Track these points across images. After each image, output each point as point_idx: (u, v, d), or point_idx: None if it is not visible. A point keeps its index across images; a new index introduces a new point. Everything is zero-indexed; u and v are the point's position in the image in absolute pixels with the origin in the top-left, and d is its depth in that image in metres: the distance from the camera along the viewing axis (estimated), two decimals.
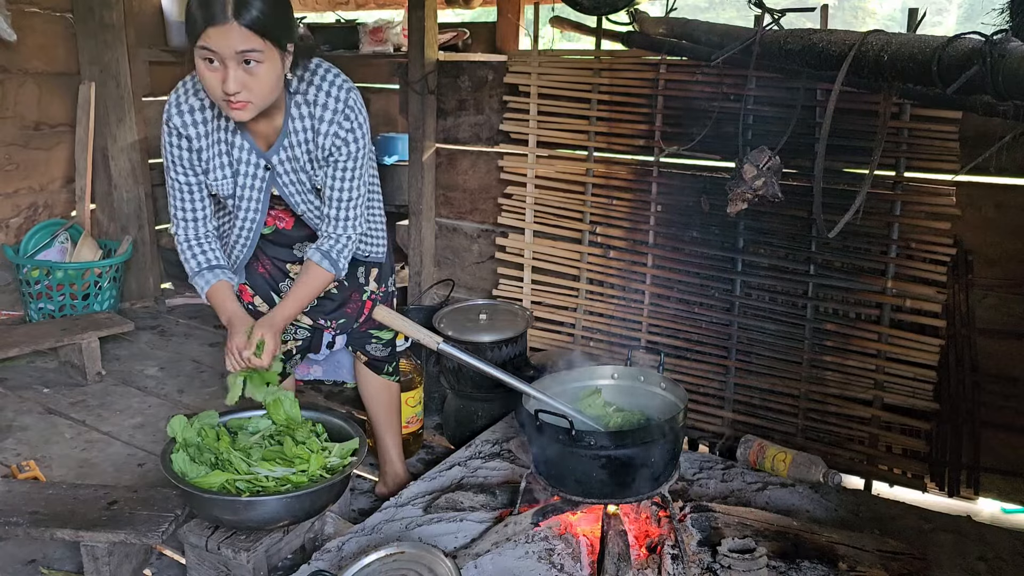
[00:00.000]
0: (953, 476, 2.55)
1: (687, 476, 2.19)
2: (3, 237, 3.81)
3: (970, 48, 1.54)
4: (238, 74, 1.74)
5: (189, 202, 2.06)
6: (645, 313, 2.96)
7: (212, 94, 1.80)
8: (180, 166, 2.01)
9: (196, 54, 1.74)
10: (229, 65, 1.73)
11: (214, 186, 2.03)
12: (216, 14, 1.67)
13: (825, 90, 2.48)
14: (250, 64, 1.74)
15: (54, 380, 3.33)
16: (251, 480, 1.90)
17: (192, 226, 2.08)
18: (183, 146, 1.98)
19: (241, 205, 2.06)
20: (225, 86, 1.74)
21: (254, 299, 2.22)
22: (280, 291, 2.22)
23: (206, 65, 1.74)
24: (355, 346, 2.37)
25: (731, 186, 2.35)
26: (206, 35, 1.69)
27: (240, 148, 1.98)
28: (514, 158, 3.21)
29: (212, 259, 2.08)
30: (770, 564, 1.76)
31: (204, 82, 1.77)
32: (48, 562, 2.18)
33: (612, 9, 2.69)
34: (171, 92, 1.99)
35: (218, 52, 1.71)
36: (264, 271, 2.21)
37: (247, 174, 2.01)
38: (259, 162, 2.00)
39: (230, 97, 1.76)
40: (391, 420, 2.47)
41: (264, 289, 2.21)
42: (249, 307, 2.22)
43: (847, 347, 2.59)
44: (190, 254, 2.08)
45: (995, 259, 2.47)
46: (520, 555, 1.81)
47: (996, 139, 2.26)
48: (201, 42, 1.71)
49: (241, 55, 1.72)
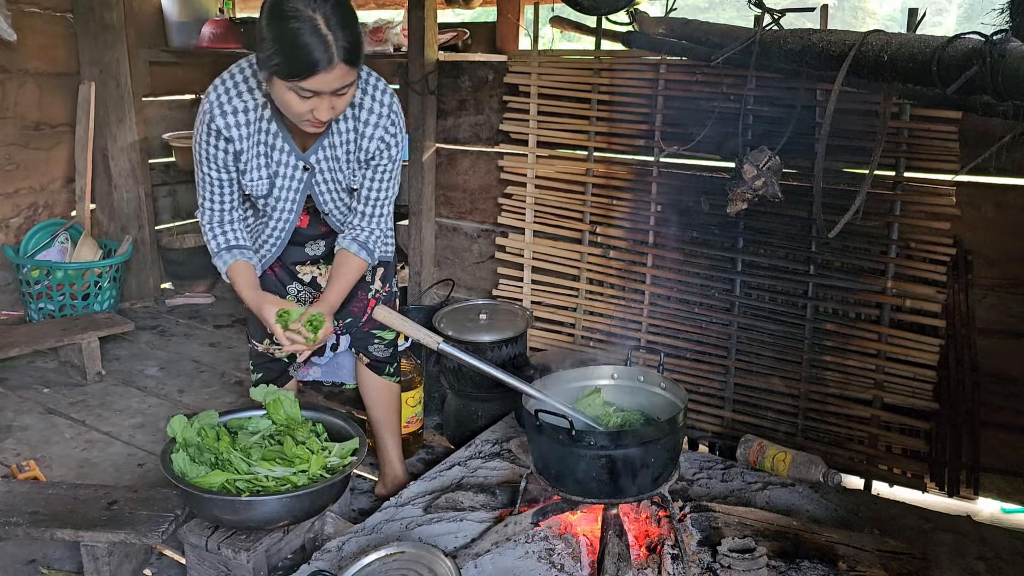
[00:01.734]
0: (953, 476, 2.55)
1: (687, 476, 2.19)
2: (3, 237, 3.81)
3: (970, 48, 1.54)
4: (333, 102, 1.76)
5: (219, 195, 2.04)
6: (645, 313, 2.96)
7: (291, 113, 1.80)
8: (214, 164, 1.98)
9: (284, 86, 1.72)
10: (324, 97, 1.73)
11: (249, 187, 2.03)
12: (323, 61, 1.66)
13: (825, 90, 2.48)
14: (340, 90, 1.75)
15: (54, 380, 3.33)
16: (251, 480, 1.90)
17: (218, 214, 2.07)
18: (221, 146, 1.96)
19: (276, 206, 2.07)
20: (318, 114, 1.76)
21: None
22: (288, 294, 2.22)
23: (297, 97, 1.73)
24: (358, 347, 2.37)
25: (731, 186, 2.36)
26: (312, 81, 1.69)
27: (280, 150, 1.98)
28: (514, 158, 3.21)
29: (233, 240, 2.08)
30: (770, 564, 1.76)
31: (288, 107, 1.77)
32: (48, 562, 2.18)
33: (612, 9, 2.69)
34: (209, 91, 1.95)
35: (320, 91, 1.72)
36: (272, 273, 2.22)
37: (285, 175, 2.02)
38: (297, 163, 2.01)
39: (319, 122, 1.78)
40: (391, 421, 2.47)
41: (272, 291, 2.20)
42: None
43: (847, 347, 2.59)
44: (212, 235, 2.07)
45: (995, 259, 2.47)
46: (520, 555, 1.81)
47: (996, 139, 2.26)
48: (303, 84, 1.69)
49: (340, 89, 1.74)
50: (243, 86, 1.93)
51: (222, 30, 3.98)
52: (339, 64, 1.68)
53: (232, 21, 4.00)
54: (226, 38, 3.97)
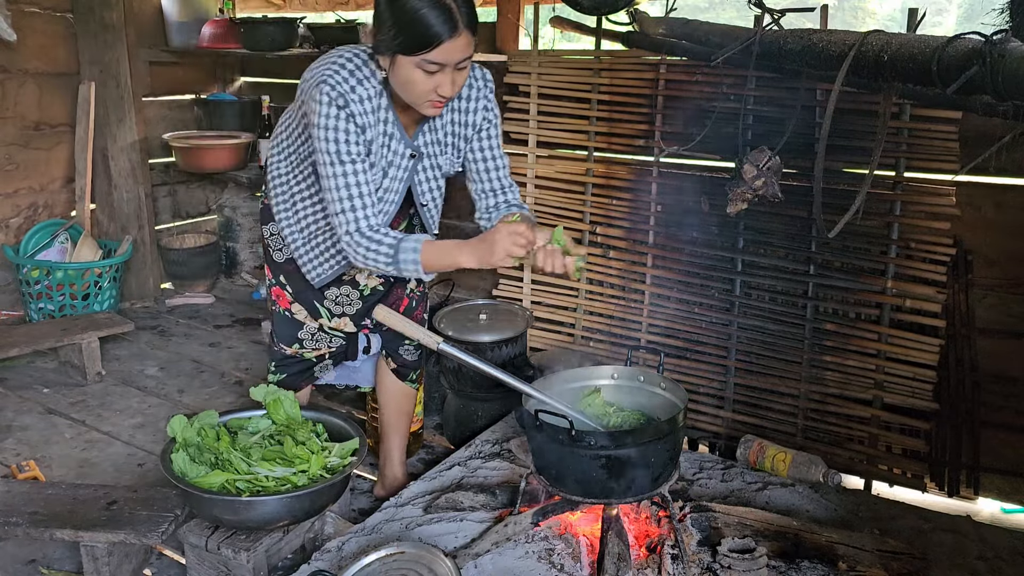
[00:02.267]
0: (953, 476, 2.55)
1: (687, 476, 2.19)
2: (3, 237, 3.81)
3: (970, 48, 1.54)
4: (454, 76, 1.74)
5: (367, 191, 1.83)
6: (645, 313, 2.96)
7: (414, 93, 1.76)
8: (358, 150, 1.82)
9: (410, 63, 1.70)
10: (447, 71, 1.72)
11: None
12: (449, 29, 1.66)
13: (825, 90, 2.48)
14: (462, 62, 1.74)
15: (54, 380, 3.33)
16: (251, 480, 1.90)
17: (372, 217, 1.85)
18: (358, 132, 1.82)
19: (383, 197, 1.96)
20: (442, 90, 1.74)
21: (292, 306, 2.20)
22: (326, 297, 2.17)
23: (423, 73, 1.71)
24: (388, 349, 2.35)
25: (731, 186, 2.36)
26: (440, 50, 1.67)
27: (393, 138, 1.92)
28: (514, 158, 3.20)
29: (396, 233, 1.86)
30: (770, 564, 1.76)
31: (412, 86, 1.74)
32: (48, 562, 2.18)
33: (612, 9, 2.69)
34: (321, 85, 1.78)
35: (446, 63, 1.70)
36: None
37: (397, 165, 1.96)
38: (405, 151, 1.96)
39: (441, 98, 1.76)
40: (401, 423, 2.46)
41: (308, 298, 2.17)
42: (286, 313, 2.21)
43: (847, 347, 2.59)
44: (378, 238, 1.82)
45: (995, 259, 2.47)
46: (520, 555, 1.81)
47: (996, 139, 2.25)
48: (431, 56, 1.68)
49: (462, 60, 1.72)
50: (359, 74, 1.82)
51: (222, 30, 3.98)
52: (464, 32, 1.68)
53: (232, 21, 4.00)
54: (226, 38, 3.97)
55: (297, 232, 2.10)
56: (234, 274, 4.60)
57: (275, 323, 2.26)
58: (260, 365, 3.47)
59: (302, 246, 2.10)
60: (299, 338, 2.23)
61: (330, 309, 2.19)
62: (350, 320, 2.22)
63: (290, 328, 2.22)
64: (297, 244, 2.11)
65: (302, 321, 2.21)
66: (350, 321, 2.22)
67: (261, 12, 4.28)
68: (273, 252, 2.18)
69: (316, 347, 2.26)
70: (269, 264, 2.22)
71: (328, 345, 2.27)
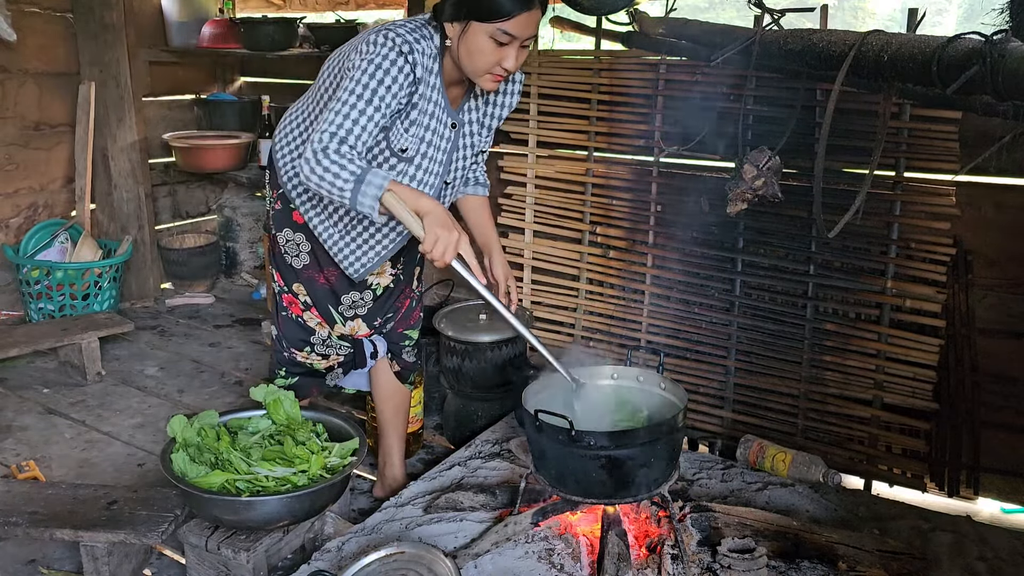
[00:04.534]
0: (953, 476, 2.55)
1: (687, 476, 2.19)
2: (3, 237, 3.81)
3: (970, 48, 1.54)
4: (520, 54, 1.77)
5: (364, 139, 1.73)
6: (645, 313, 2.96)
7: (479, 64, 1.76)
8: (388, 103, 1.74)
9: (483, 32, 1.71)
10: (514, 45, 1.74)
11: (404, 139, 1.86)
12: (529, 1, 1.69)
13: (825, 90, 2.48)
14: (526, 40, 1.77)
15: (54, 380, 3.33)
16: (251, 480, 1.90)
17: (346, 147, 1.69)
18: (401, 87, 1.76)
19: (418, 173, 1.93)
20: (506, 63, 1.76)
21: (304, 313, 2.18)
22: (341, 303, 2.15)
23: (493, 44, 1.73)
24: (393, 352, 2.35)
25: (731, 186, 2.35)
26: (515, 21, 1.70)
27: (438, 105, 1.91)
28: (514, 158, 3.21)
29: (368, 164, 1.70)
30: (770, 564, 1.76)
31: (480, 55, 1.74)
32: (48, 562, 2.18)
33: (612, 9, 2.69)
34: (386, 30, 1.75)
35: (517, 36, 1.72)
36: (325, 281, 2.12)
37: (440, 134, 1.96)
38: (448, 120, 1.96)
39: (504, 72, 1.78)
40: (399, 422, 2.46)
41: (323, 301, 2.15)
42: (298, 319, 2.19)
43: (847, 347, 2.59)
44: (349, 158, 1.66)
45: (995, 259, 2.47)
46: (520, 555, 1.81)
47: (996, 139, 2.26)
48: (505, 27, 1.70)
49: (529, 37, 1.75)
50: (418, 32, 1.80)
51: (222, 30, 3.98)
52: (538, 7, 1.73)
53: (232, 21, 4.00)
54: (226, 38, 3.97)
55: (331, 226, 2.03)
56: (234, 274, 4.59)
57: (284, 328, 2.23)
58: (260, 365, 3.47)
59: (339, 240, 2.04)
60: (311, 342, 2.23)
61: (343, 314, 2.18)
62: (363, 321, 2.21)
63: (301, 333, 2.22)
64: (335, 239, 2.05)
65: (313, 328, 2.21)
66: (363, 322, 2.22)
67: (261, 12, 4.28)
68: (290, 259, 2.12)
69: (325, 355, 2.26)
70: (282, 270, 2.16)
71: (337, 353, 2.27)
